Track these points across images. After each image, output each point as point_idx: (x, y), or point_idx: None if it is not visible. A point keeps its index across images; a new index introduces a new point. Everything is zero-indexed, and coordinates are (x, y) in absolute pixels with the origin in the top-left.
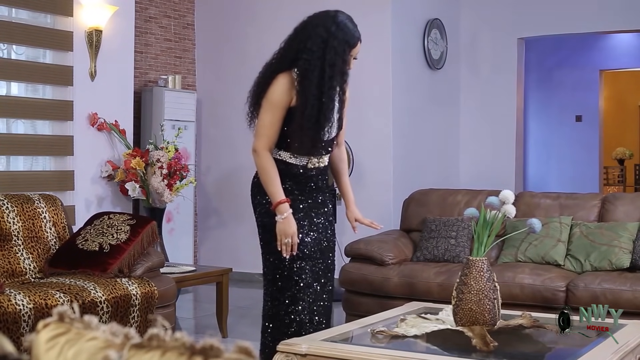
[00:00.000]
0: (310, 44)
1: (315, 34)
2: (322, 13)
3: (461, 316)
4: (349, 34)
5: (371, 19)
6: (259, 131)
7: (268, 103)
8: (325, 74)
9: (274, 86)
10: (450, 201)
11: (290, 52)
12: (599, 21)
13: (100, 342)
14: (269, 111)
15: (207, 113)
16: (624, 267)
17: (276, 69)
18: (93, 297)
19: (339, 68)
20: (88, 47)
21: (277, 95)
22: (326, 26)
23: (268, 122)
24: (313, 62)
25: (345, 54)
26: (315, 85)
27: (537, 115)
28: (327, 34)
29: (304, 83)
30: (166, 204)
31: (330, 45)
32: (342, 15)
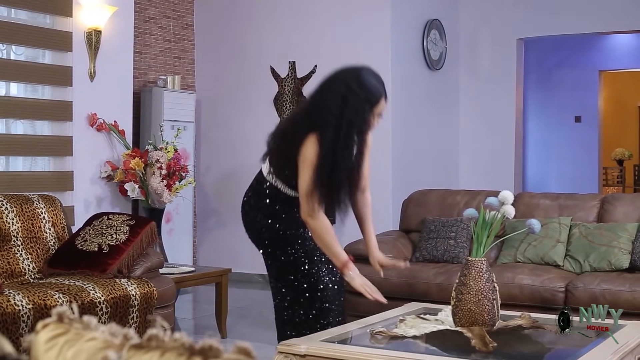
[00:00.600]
0: (330, 102)
1: (336, 92)
2: (347, 68)
3: (460, 317)
4: (371, 92)
5: (370, 20)
6: (304, 192)
7: (306, 163)
8: (340, 132)
9: (307, 147)
10: (449, 202)
11: (314, 109)
12: (598, 22)
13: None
14: (307, 169)
15: (206, 113)
16: (623, 267)
17: (304, 129)
18: (92, 297)
19: (357, 127)
20: (87, 47)
21: (311, 155)
22: (347, 83)
23: (309, 179)
24: (330, 120)
25: (366, 112)
26: (330, 142)
27: (536, 115)
28: (347, 91)
29: (321, 141)
30: (165, 204)
31: (349, 103)
32: (366, 72)
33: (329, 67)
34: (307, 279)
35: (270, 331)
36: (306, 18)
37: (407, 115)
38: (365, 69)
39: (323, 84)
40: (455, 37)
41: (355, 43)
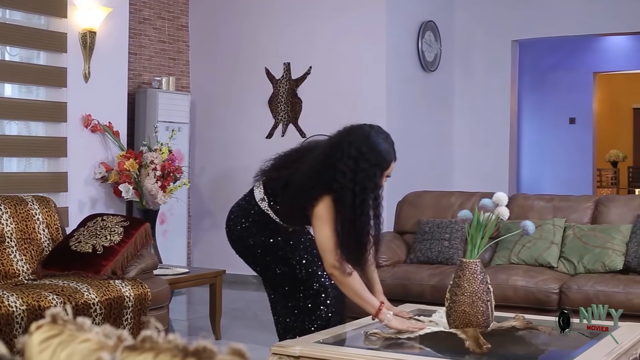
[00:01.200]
0: (342, 165)
1: (347, 155)
2: (358, 128)
3: (454, 318)
4: (381, 158)
5: (365, 21)
6: (325, 246)
7: (320, 220)
8: (357, 198)
9: (320, 207)
10: (443, 203)
11: (326, 170)
12: (593, 24)
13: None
14: (324, 225)
15: (201, 115)
16: (617, 269)
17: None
18: (86, 298)
19: (370, 192)
20: (82, 48)
21: (326, 213)
22: (358, 146)
23: (330, 235)
24: (345, 184)
25: (377, 177)
26: (349, 209)
27: (531, 117)
28: (359, 155)
29: (339, 206)
30: (160, 205)
31: (361, 167)
32: (376, 134)
33: (324, 69)
34: (307, 287)
35: (264, 332)
36: (301, 19)
37: (401, 116)
38: (376, 129)
39: (333, 143)
40: (450, 39)
41: (350, 45)
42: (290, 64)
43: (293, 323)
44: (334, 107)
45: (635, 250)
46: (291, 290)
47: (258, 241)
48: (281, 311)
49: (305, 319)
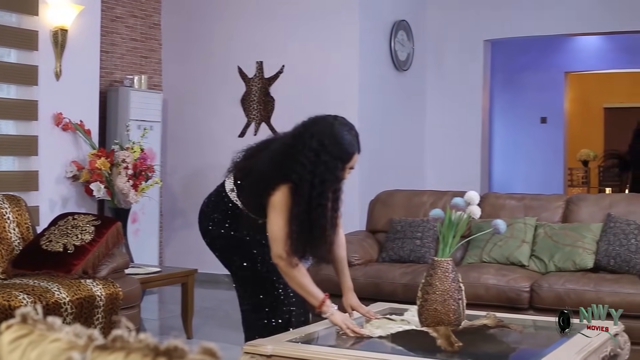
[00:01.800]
0: (302, 157)
1: (308, 147)
2: (321, 120)
3: (426, 317)
4: (343, 150)
5: (338, 21)
6: (275, 235)
7: (275, 208)
8: (314, 190)
9: (276, 196)
10: (415, 202)
11: (286, 160)
12: (564, 24)
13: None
14: (279, 215)
15: (173, 113)
16: (587, 267)
17: (276, 179)
18: (57, 298)
19: (330, 184)
20: (53, 46)
21: (281, 202)
22: (320, 138)
23: (282, 225)
24: (304, 176)
25: (338, 169)
26: (305, 200)
27: (502, 116)
28: (320, 147)
29: (295, 198)
30: (131, 204)
31: (322, 160)
32: (339, 125)
33: (296, 68)
34: (269, 284)
35: (236, 332)
36: (274, 18)
37: (374, 116)
38: (340, 120)
39: (296, 133)
40: (423, 39)
41: (323, 44)
42: (263, 62)
43: (255, 320)
44: (306, 106)
45: (606, 248)
46: (253, 285)
47: (224, 233)
48: (245, 306)
49: (269, 315)
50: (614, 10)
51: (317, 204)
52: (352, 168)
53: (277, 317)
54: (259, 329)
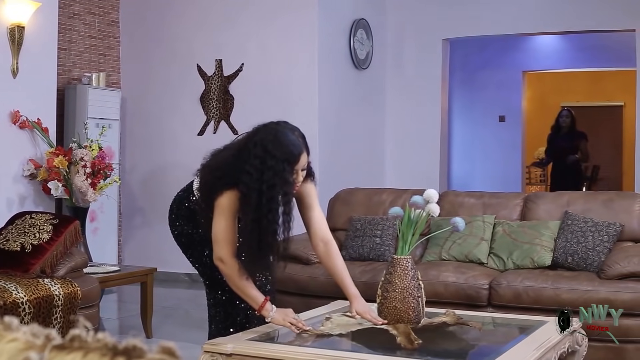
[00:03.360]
0: (248, 166)
1: (254, 155)
2: (264, 127)
3: (386, 314)
4: (288, 151)
5: (298, 19)
6: (217, 238)
7: (219, 209)
8: (263, 197)
9: (222, 199)
10: (375, 200)
11: (233, 169)
12: (522, 23)
13: (20, 343)
14: (221, 216)
15: (131, 111)
16: (545, 265)
17: (221, 185)
18: (15, 297)
19: (279, 188)
20: (10, 43)
21: (226, 204)
22: (264, 144)
23: (224, 227)
24: (251, 184)
25: (286, 172)
26: (254, 208)
27: (461, 115)
28: (265, 153)
29: (243, 208)
30: (90, 203)
31: (268, 165)
32: (283, 129)
33: (256, 66)
34: (224, 283)
35: (196, 330)
36: (233, 16)
37: (333, 114)
38: (283, 125)
39: (241, 142)
40: (382, 37)
41: (282, 42)
42: (222, 60)
43: (215, 314)
44: (265, 104)
45: (563, 246)
46: (212, 283)
47: (183, 231)
48: (208, 301)
49: (227, 309)
50: (571, 9)
51: (268, 210)
52: (304, 170)
53: (235, 313)
54: (218, 323)
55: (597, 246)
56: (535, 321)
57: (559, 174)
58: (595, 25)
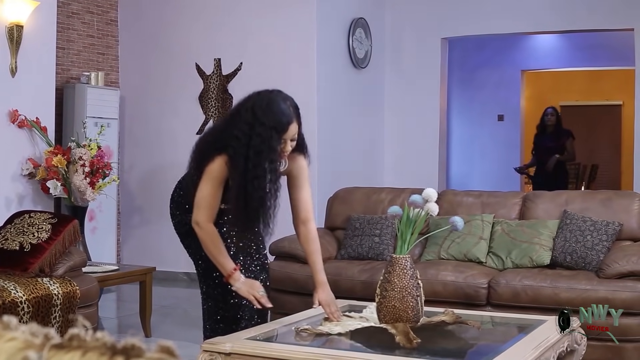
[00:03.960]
0: (237, 130)
1: (244, 120)
2: (258, 93)
3: (385, 313)
4: (277, 120)
5: (296, 18)
6: (199, 203)
7: (206, 175)
8: (250, 163)
9: (211, 165)
10: (374, 199)
11: (224, 134)
12: (521, 22)
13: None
14: (208, 182)
15: (130, 110)
16: (544, 264)
17: (213, 150)
18: (13, 297)
19: (265, 155)
20: (9, 42)
21: (214, 171)
22: (254, 110)
23: (207, 194)
24: (238, 149)
25: (273, 139)
26: (240, 173)
27: (460, 114)
28: (254, 119)
29: (231, 171)
30: (88, 202)
31: (256, 131)
32: (276, 97)
33: (254, 65)
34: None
35: (195, 329)
36: (232, 15)
37: (332, 113)
38: (276, 93)
39: (234, 109)
40: (381, 36)
41: (281, 41)
42: (221, 59)
43: (208, 309)
44: None
45: (562, 245)
46: (205, 274)
47: (182, 220)
48: (202, 295)
49: (218, 305)
50: (570, 9)
51: (253, 177)
52: (293, 140)
53: (225, 308)
54: (209, 318)
55: (596, 245)
56: (534, 320)
57: (544, 174)
58: (593, 25)
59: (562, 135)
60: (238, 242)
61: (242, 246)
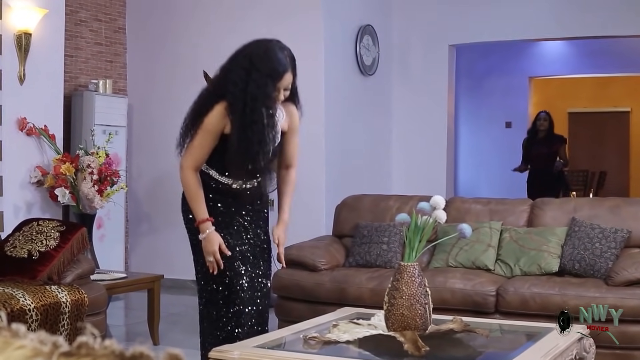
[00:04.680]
0: (234, 75)
1: (240, 66)
2: (255, 41)
3: (393, 321)
4: (272, 67)
5: (303, 25)
6: (188, 150)
7: (201, 127)
8: (247, 108)
9: (210, 115)
10: (382, 207)
11: (222, 82)
12: (528, 29)
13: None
14: (201, 134)
15: (138, 118)
16: (552, 271)
17: (212, 99)
18: (22, 304)
19: (262, 102)
20: (17, 50)
21: (210, 122)
22: (251, 57)
23: (197, 144)
24: (236, 94)
25: (268, 87)
26: (239, 118)
27: (467, 121)
28: (250, 66)
29: (230, 117)
30: (97, 210)
31: (252, 77)
32: (274, 45)
33: None
34: (221, 278)
35: None
36: (239, 22)
37: (340, 120)
38: (275, 42)
39: (231, 56)
40: (388, 43)
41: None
42: None
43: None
44: None
45: (570, 252)
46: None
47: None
48: (199, 300)
49: (219, 314)
50: (577, 15)
51: (251, 121)
52: (287, 90)
53: (224, 310)
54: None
55: (604, 252)
56: (542, 328)
57: (540, 181)
58: (601, 31)
59: (555, 141)
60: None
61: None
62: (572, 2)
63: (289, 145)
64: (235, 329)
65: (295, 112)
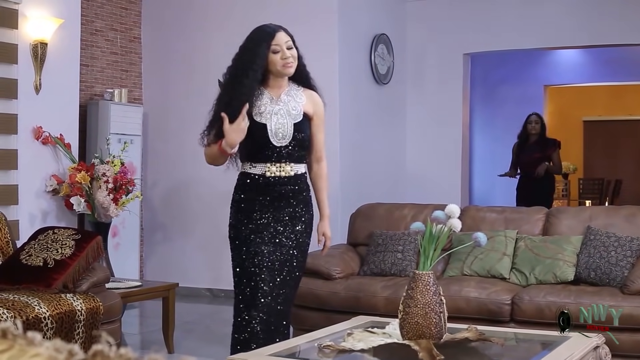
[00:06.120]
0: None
1: (239, 48)
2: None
3: (408, 330)
4: (260, 30)
5: (319, 34)
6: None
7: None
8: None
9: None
10: (396, 215)
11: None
12: (543, 37)
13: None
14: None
15: (153, 127)
16: (568, 280)
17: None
18: (37, 313)
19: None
20: (33, 59)
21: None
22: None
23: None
24: (229, 70)
25: (260, 47)
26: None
27: (482, 130)
28: (244, 42)
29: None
30: (112, 218)
31: (246, 47)
32: (266, 24)
33: None
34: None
35: (217, 345)
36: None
37: (354, 129)
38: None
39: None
40: (403, 52)
41: (303, 57)
42: None
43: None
44: None
45: (586, 261)
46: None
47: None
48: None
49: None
50: (592, 24)
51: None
52: (290, 48)
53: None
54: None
55: (620, 261)
56: (557, 337)
57: (532, 188)
58: (616, 39)
59: (548, 145)
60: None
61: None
62: (587, 11)
63: (318, 135)
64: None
65: (319, 101)
